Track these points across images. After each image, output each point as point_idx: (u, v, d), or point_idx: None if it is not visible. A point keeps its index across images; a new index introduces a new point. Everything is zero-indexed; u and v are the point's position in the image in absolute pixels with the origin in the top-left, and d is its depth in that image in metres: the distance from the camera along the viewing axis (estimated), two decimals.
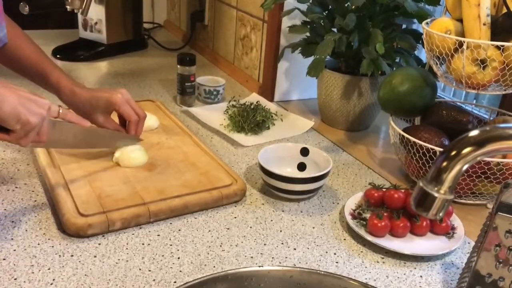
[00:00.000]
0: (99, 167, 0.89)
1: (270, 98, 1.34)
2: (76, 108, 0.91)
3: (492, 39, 0.85)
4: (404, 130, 0.93)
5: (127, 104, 0.92)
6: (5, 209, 0.80)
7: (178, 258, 0.72)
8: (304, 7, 1.16)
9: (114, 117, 0.94)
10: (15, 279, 0.66)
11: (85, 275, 0.67)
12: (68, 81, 0.92)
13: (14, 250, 0.71)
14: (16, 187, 0.86)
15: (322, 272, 0.70)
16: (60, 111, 0.78)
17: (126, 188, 0.84)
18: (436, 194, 0.52)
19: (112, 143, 0.93)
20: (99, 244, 0.74)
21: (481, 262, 0.63)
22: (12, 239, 0.73)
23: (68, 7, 1.46)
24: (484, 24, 0.84)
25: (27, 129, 0.71)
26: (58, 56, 1.57)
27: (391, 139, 1.00)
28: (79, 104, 0.91)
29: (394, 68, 1.15)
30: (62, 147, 0.89)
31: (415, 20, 1.16)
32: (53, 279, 0.66)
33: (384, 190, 0.85)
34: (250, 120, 1.15)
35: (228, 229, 0.80)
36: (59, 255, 0.71)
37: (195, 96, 1.30)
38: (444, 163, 0.50)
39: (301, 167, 0.96)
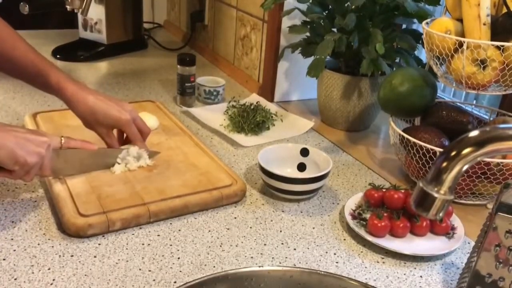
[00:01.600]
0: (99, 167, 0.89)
1: (270, 99, 1.34)
2: (78, 114, 0.88)
3: (492, 39, 0.85)
4: (404, 131, 0.93)
5: (133, 125, 0.90)
6: (5, 209, 0.80)
7: (178, 258, 0.72)
8: (304, 7, 1.16)
9: None
10: (15, 279, 0.66)
11: (85, 275, 0.67)
12: (69, 82, 0.88)
13: (14, 250, 0.71)
14: (16, 187, 0.86)
15: (322, 272, 0.70)
16: (62, 141, 0.79)
17: (126, 188, 0.84)
18: (436, 195, 0.52)
19: (117, 158, 0.90)
20: (99, 244, 0.74)
21: (481, 262, 0.63)
22: (12, 239, 0.73)
23: (68, 7, 1.47)
24: (484, 24, 0.84)
25: (26, 169, 0.73)
26: (58, 56, 1.57)
27: (391, 140, 1.00)
28: (82, 111, 0.87)
29: (394, 68, 1.15)
30: (71, 173, 0.85)
31: (415, 20, 1.16)
32: (53, 279, 0.66)
33: (384, 190, 0.85)
34: (250, 121, 1.15)
35: (228, 229, 0.80)
36: (59, 255, 0.71)
37: (195, 96, 1.30)
38: (444, 164, 0.51)
39: (301, 167, 0.96)
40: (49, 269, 0.68)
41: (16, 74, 0.91)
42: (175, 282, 0.68)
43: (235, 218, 0.83)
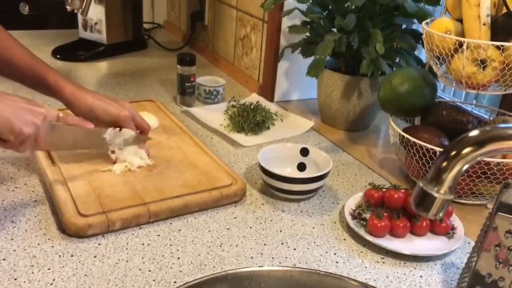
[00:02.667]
0: (99, 167, 0.89)
1: (270, 98, 1.34)
2: (78, 113, 0.88)
3: (492, 39, 0.85)
4: (404, 130, 0.93)
5: (132, 122, 0.90)
6: (5, 209, 0.80)
7: (178, 258, 0.72)
8: (304, 7, 1.16)
9: None
10: (15, 279, 0.66)
11: (85, 275, 0.67)
12: (67, 83, 0.89)
13: (14, 250, 0.71)
14: (16, 187, 0.86)
15: (322, 272, 0.70)
16: (60, 115, 0.78)
17: (126, 188, 0.84)
18: (436, 194, 0.52)
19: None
20: (99, 244, 0.74)
21: (481, 262, 0.63)
22: (12, 239, 0.73)
23: (68, 7, 1.46)
24: (484, 24, 0.84)
25: (21, 139, 0.72)
26: (58, 56, 1.57)
27: (391, 139, 1.00)
28: (81, 110, 0.88)
29: (394, 68, 1.15)
30: (64, 149, 0.87)
31: (415, 20, 1.16)
32: (53, 279, 0.66)
33: (384, 190, 0.85)
34: (250, 120, 1.15)
35: (228, 229, 0.80)
36: (59, 255, 0.71)
37: (195, 96, 1.30)
38: (444, 163, 0.51)
39: (301, 167, 0.96)
40: (49, 269, 0.68)
41: (14, 76, 0.91)
42: (175, 282, 0.68)
43: (235, 218, 0.83)
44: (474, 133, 0.50)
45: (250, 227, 0.81)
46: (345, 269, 0.73)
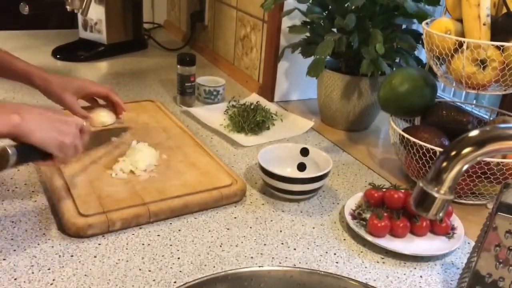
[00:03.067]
0: (99, 167, 0.89)
1: (270, 98, 1.34)
2: (49, 92, 0.96)
3: (492, 39, 0.85)
4: (404, 130, 0.93)
5: (97, 86, 1.00)
6: (5, 209, 0.80)
7: (178, 258, 0.72)
8: (304, 7, 1.16)
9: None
10: (15, 279, 0.66)
11: (85, 275, 0.67)
12: (37, 68, 0.96)
13: (14, 250, 0.71)
14: (16, 187, 0.86)
15: (322, 272, 0.70)
16: (85, 124, 0.80)
17: (126, 188, 0.84)
18: (436, 194, 0.52)
19: (111, 138, 0.99)
20: (99, 244, 0.74)
21: (481, 262, 0.63)
22: (12, 239, 0.73)
23: (68, 7, 1.46)
24: (484, 24, 0.84)
25: (64, 151, 0.73)
26: (58, 56, 1.57)
27: (391, 139, 1.00)
28: (51, 87, 0.95)
29: (394, 68, 1.15)
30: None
31: (415, 20, 1.16)
32: (53, 279, 0.66)
33: (384, 190, 0.85)
34: (250, 120, 1.15)
35: (228, 229, 0.80)
36: (59, 255, 0.71)
37: (195, 96, 1.30)
38: (444, 163, 0.51)
39: (301, 167, 0.96)
40: (49, 269, 0.68)
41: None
42: (175, 282, 0.68)
43: (235, 218, 0.83)
44: (474, 133, 0.49)
45: (250, 227, 0.81)
46: (345, 269, 0.73)
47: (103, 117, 1.05)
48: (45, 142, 0.70)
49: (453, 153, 0.50)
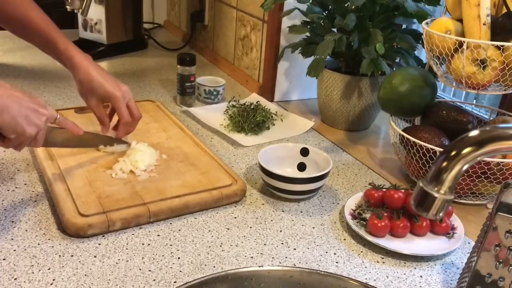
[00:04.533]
0: (99, 167, 0.89)
1: (270, 98, 1.34)
2: (78, 81, 0.92)
3: (492, 39, 0.85)
4: (404, 130, 0.93)
5: (124, 103, 0.92)
6: (5, 209, 0.80)
7: (178, 258, 0.72)
8: (304, 7, 1.16)
9: None
10: (15, 279, 0.66)
11: (85, 275, 0.67)
12: (77, 51, 0.92)
13: (14, 250, 0.71)
14: (16, 187, 0.86)
15: (322, 272, 0.70)
16: (58, 117, 0.79)
17: (126, 188, 0.84)
18: (436, 194, 0.52)
19: (100, 144, 0.95)
20: (99, 244, 0.74)
21: (481, 262, 0.63)
22: (12, 239, 0.73)
23: (68, 7, 1.46)
24: (484, 24, 0.84)
25: (21, 139, 0.72)
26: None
27: (391, 139, 1.00)
28: (82, 80, 0.91)
29: (394, 68, 1.15)
30: (52, 146, 0.91)
31: (415, 20, 1.16)
32: (53, 279, 0.66)
33: (384, 190, 0.85)
34: (250, 120, 1.15)
35: (228, 229, 0.80)
36: (59, 255, 0.71)
37: (195, 96, 1.30)
38: (444, 163, 0.50)
39: (301, 167, 0.96)
40: (49, 269, 0.68)
41: (30, 40, 0.96)
42: (175, 282, 0.68)
43: (235, 218, 0.83)
44: (474, 133, 0.49)
45: (250, 227, 0.81)
46: (345, 269, 0.73)
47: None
48: (6, 126, 0.68)
49: (453, 153, 0.50)
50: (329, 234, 0.81)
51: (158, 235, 0.77)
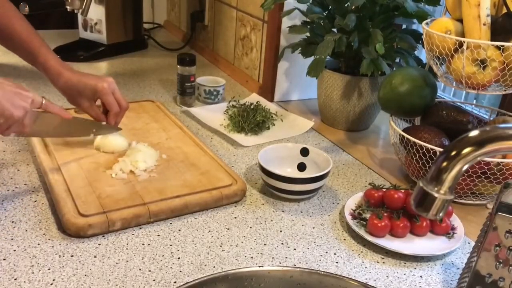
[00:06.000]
0: (99, 167, 0.89)
1: (270, 98, 1.34)
2: (63, 91, 0.93)
3: (492, 39, 0.85)
4: (404, 130, 0.93)
5: (111, 94, 0.94)
6: (5, 209, 0.80)
7: (178, 258, 0.72)
8: (304, 7, 1.16)
9: None
10: (15, 279, 0.66)
11: (85, 275, 0.67)
12: (56, 62, 0.94)
13: (14, 250, 0.71)
14: (16, 187, 0.86)
15: (322, 272, 0.70)
16: (43, 102, 0.79)
17: (126, 188, 0.84)
18: (436, 194, 0.52)
19: (91, 132, 0.95)
20: (99, 244, 0.74)
21: (481, 262, 0.63)
22: (12, 239, 0.73)
23: (68, 7, 1.46)
24: (484, 24, 0.84)
25: (9, 123, 0.73)
26: (58, 56, 1.56)
27: (391, 139, 1.00)
28: (66, 88, 0.93)
29: (394, 68, 1.15)
30: (43, 136, 0.92)
31: (415, 20, 1.16)
32: (53, 279, 0.66)
33: (384, 190, 0.85)
34: (250, 120, 1.15)
35: (228, 229, 0.80)
36: (59, 255, 0.71)
37: (195, 96, 1.30)
38: (444, 163, 0.50)
39: (301, 167, 0.96)
40: (49, 269, 0.68)
41: (14, 50, 0.97)
42: (175, 282, 0.68)
43: (235, 218, 0.83)
44: (474, 133, 0.49)
45: (250, 227, 0.81)
46: (345, 269, 0.73)
47: (115, 144, 0.96)
48: None
49: (453, 153, 0.50)
50: (329, 234, 0.81)
51: (158, 235, 0.77)
